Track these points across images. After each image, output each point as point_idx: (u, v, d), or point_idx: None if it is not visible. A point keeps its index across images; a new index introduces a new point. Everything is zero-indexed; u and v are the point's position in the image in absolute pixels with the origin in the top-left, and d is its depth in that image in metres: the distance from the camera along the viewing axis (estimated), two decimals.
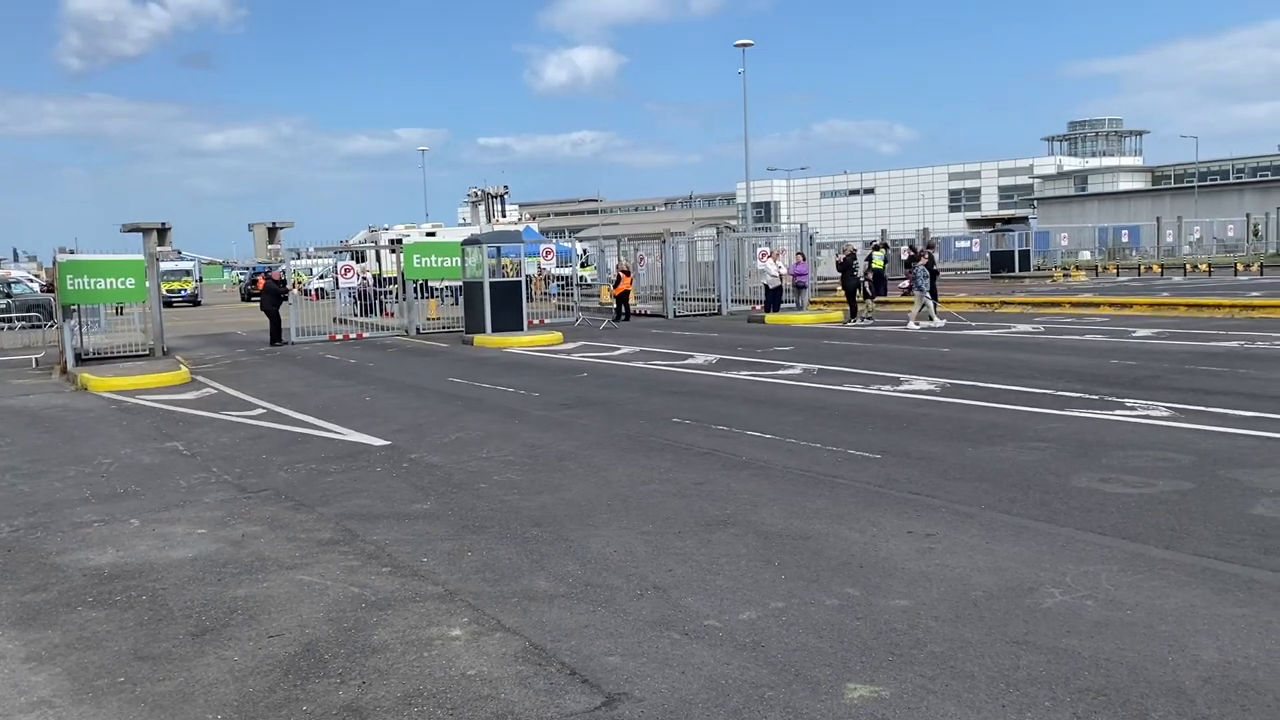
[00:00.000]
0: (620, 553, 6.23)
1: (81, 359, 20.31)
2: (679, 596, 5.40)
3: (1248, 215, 61.25)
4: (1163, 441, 8.77)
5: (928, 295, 22.39)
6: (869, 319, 24.76)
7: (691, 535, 6.53)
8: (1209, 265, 43.33)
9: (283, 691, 4.44)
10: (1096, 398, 11.16)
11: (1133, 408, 10.46)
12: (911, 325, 21.72)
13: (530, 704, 4.20)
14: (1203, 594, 5.12)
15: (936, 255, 29.18)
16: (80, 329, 21.73)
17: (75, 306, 20.86)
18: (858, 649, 4.60)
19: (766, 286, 27.14)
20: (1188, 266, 44.12)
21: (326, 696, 4.37)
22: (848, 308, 25.15)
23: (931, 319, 22.15)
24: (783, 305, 26.86)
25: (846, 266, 25.52)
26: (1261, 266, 41.53)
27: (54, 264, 21.85)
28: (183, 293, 56.77)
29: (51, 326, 24.91)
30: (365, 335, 26.32)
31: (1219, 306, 22.41)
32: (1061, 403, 10.94)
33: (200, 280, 74.18)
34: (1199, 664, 4.30)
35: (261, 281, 26.59)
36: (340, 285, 30.60)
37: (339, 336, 25.96)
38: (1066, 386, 12.06)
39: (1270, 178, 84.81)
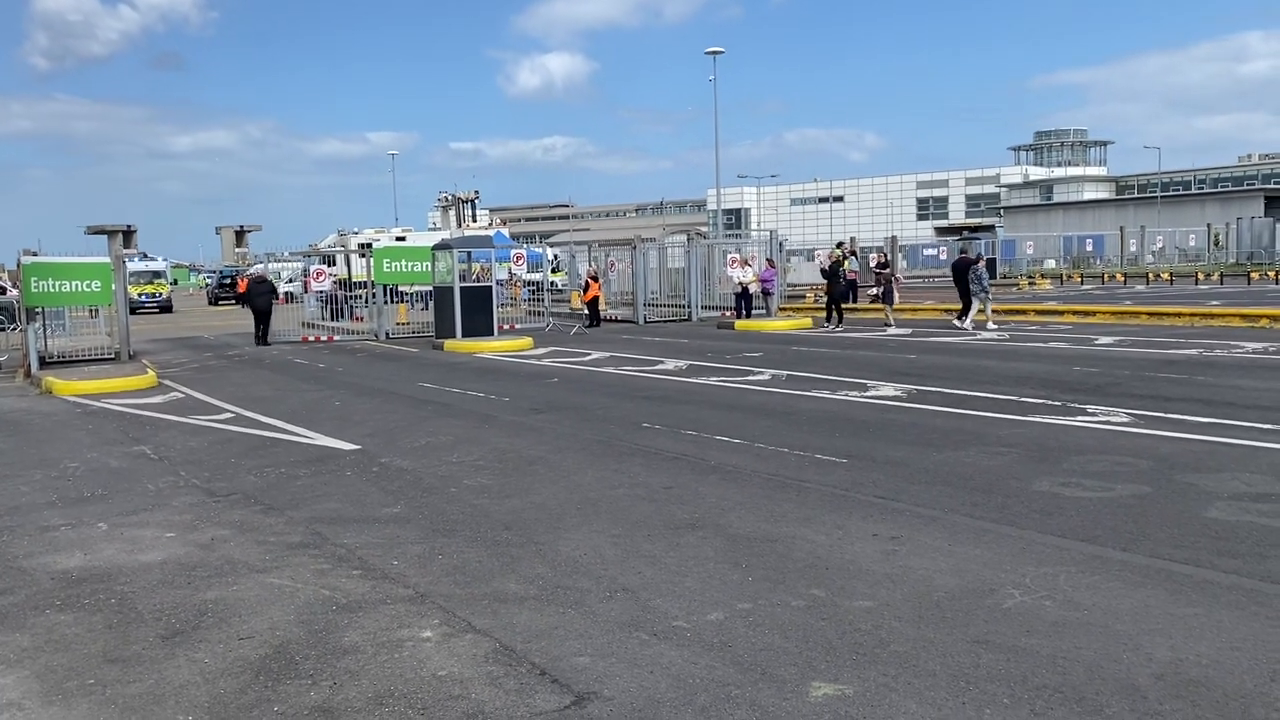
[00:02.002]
0: (590, 555, 6.29)
1: (46, 362, 20.09)
2: (648, 598, 5.47)
3: (1209, 225, 62.33)
4: (1122, 447, 8.95)
5: (988, 297, 23.23)
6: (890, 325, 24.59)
7: (660, 538, 6.60)
8: (1171, 274, 44.01)
9: (254, 693, 4.47)
10: (1059, 404, 11.35)
11: (1094, 414, 10.66)
12: (966, 324, 22.70)
13: (501, 703, 4.25)
14: (1158, 594, 5.25)
15: (905, 262, 29.55)
16: (44, 332, 21.50)
17: (39, 309, 20.64)
18: (822, 648, 4.70)
19: (736, 293, 27.31)
20: (1150, 275, 44.83)
21: (298, 698, 4.40)
22: (825, 313, 25.04)
23: (986, 321, 22.84)
24: (754, 312, 27.01)
25: (833, 273, 25.48)
26: (1222, 275, 42.27)
27: (18, 266, 21.61)
28: (157, 296, 49.84)
29: (15, 329, 24.62)
30: (334, 339, 26.26)
31: (1179, 315, 22.80)
32: (1024, 409, 11.13)
33: (175, 283, 69.31)
34: (1153, 661, 4.43)
35: (244, 284, 29.22)
36: (311, 289, 30.53)
37: (310, 339, 26.00)
38: (1029, 393, 12.26)
39: (1231, 188, 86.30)
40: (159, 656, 4.93)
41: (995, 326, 22.56)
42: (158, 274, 52.87)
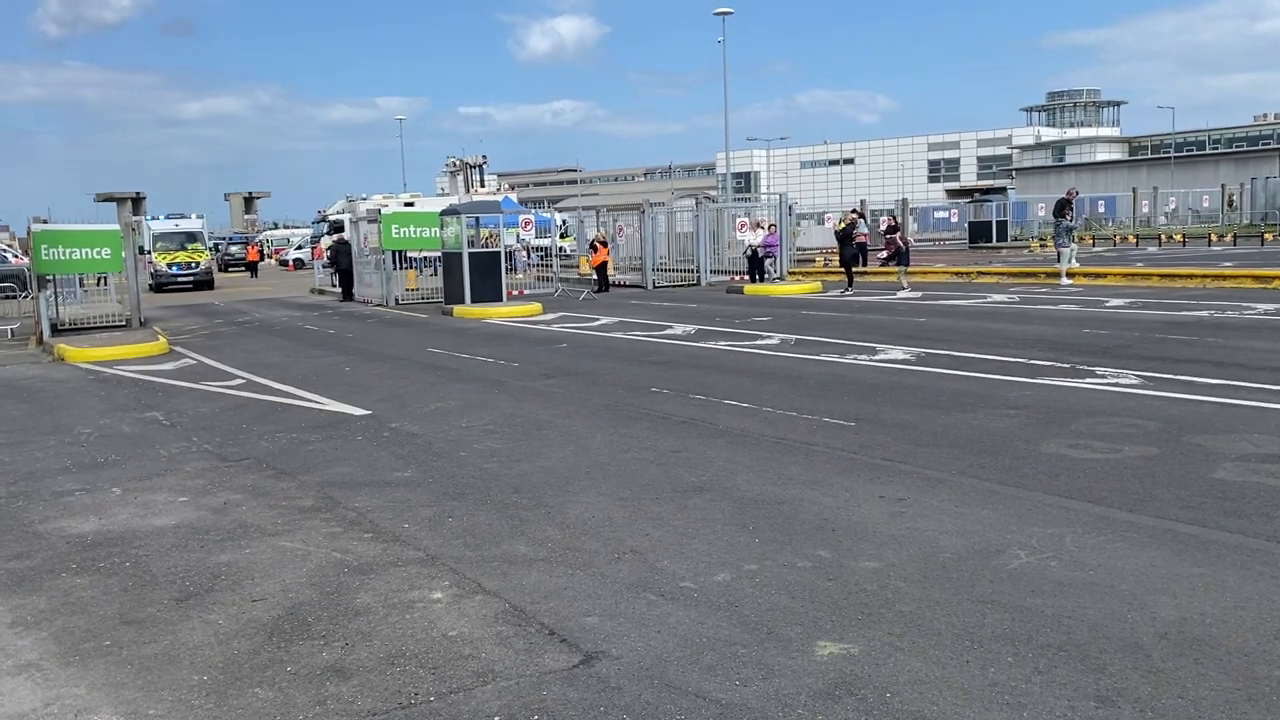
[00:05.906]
0: (598, 518, 6.34)
1: (57, 330, 20.19)
2: (656, 560, 5.52)
3: (1223, 186, 61.70)
4: (1131, 408, 8.94)
5: (1073, 246, 23.88)
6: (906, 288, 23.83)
7: (668, 501, 6.65)
8: (1183, 236, 43.70)
9: (267, 653, 4.53)
10: (1068, 366, 11.33)
11: (1103, 376, 10.64)
12: (1064, 280, 23.10)
13: (510, 663, 4.31)
14: (1163, 554, 5.28)
15: (915, 225, 29.30)
16: (56, 299, 21.60)
17: (50, 277, 20.71)
18: (828, 608, 4.74)
19: (748, 257, 27.24)
20: (1162, 237, 44.47)
21: (310, 658, 4.46)
22: (847, 279, 24.85)
23: (1065, 274, 23.31)
24: (765, 276, 26.96)
25: (846, 237, 25.28)
26: (1235, 237, 41.97)
27: (28, 233, 21.67)
28: (192, 267, 37.23)
29: (27, 297, 24.72)
30: (343, 305, 26.41)
31: (1191, 277, 22.66)
32: (1033, 371, 11.11)
33: (216, 249, 50.09)
34: (1157, 621, 4.46)
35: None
36: (367, 255, 29.73)
37: (371, 300, 27.25)
38: (1039, 355, 12.23)
39: (1246, 148, 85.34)
40: (174, 618, 5.01)
41: (1069, 281, 23.17)
42: (192, 236, 39.14)
